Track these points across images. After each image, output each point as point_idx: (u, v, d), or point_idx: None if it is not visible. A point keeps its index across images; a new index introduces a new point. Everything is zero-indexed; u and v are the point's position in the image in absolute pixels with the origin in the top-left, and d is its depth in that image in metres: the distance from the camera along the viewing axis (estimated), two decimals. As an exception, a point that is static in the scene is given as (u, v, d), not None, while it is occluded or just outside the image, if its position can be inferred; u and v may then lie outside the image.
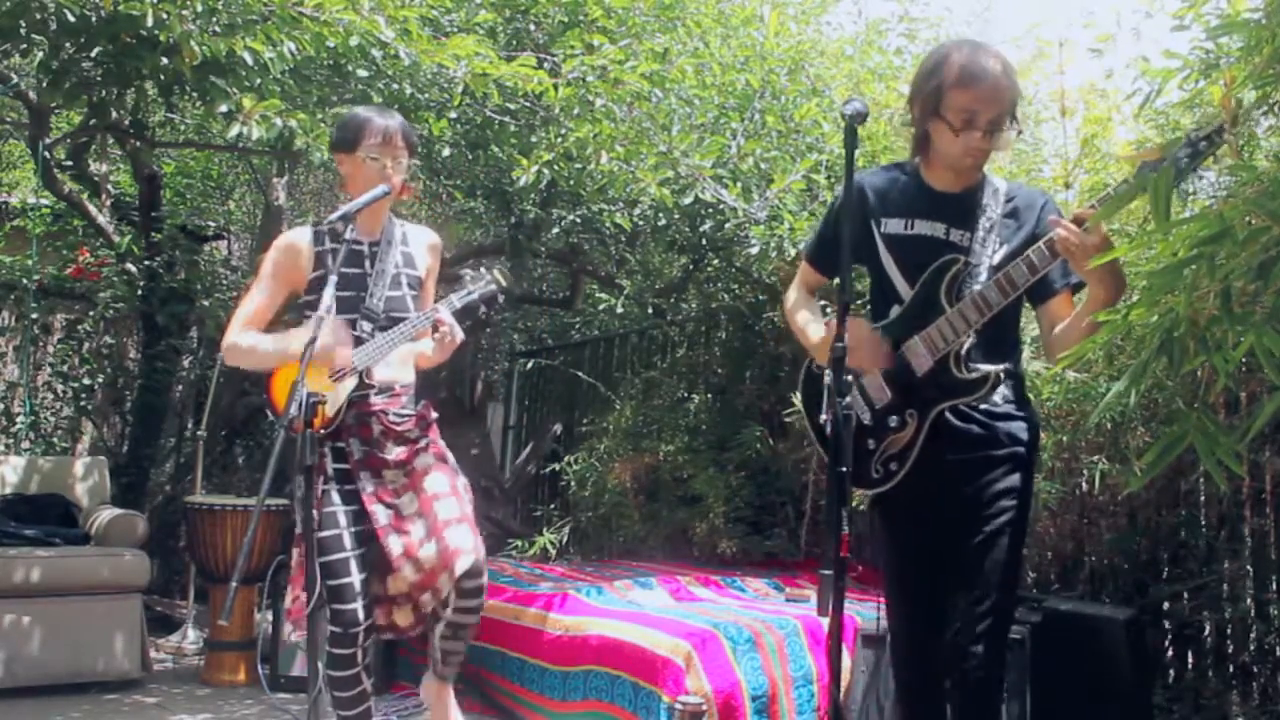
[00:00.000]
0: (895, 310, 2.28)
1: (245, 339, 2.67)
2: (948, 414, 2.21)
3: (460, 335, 2.62)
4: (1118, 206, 1.99)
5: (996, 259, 2.20)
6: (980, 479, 2.22)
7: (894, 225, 2.29)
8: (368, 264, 2.71)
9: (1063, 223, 2.02)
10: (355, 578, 2.60)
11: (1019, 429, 2.26)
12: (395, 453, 2.65)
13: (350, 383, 2.61)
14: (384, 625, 2.74)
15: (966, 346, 2.19)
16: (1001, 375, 2.17)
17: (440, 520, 2.60)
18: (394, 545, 2.58)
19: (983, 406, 2.23)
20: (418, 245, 2.82)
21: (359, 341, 2.64)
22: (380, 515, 2.60)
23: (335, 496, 2.62)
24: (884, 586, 2.44)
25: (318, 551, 2.56)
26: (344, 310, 2.65)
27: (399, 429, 2.66)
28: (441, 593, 2.57)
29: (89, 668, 4.03)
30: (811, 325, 2.40)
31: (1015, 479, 2.23)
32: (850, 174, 2.11)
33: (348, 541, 2.61)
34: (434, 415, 2.79)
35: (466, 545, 2.57)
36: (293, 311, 2.83)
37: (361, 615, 2.60)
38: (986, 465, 2.23)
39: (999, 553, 2.20)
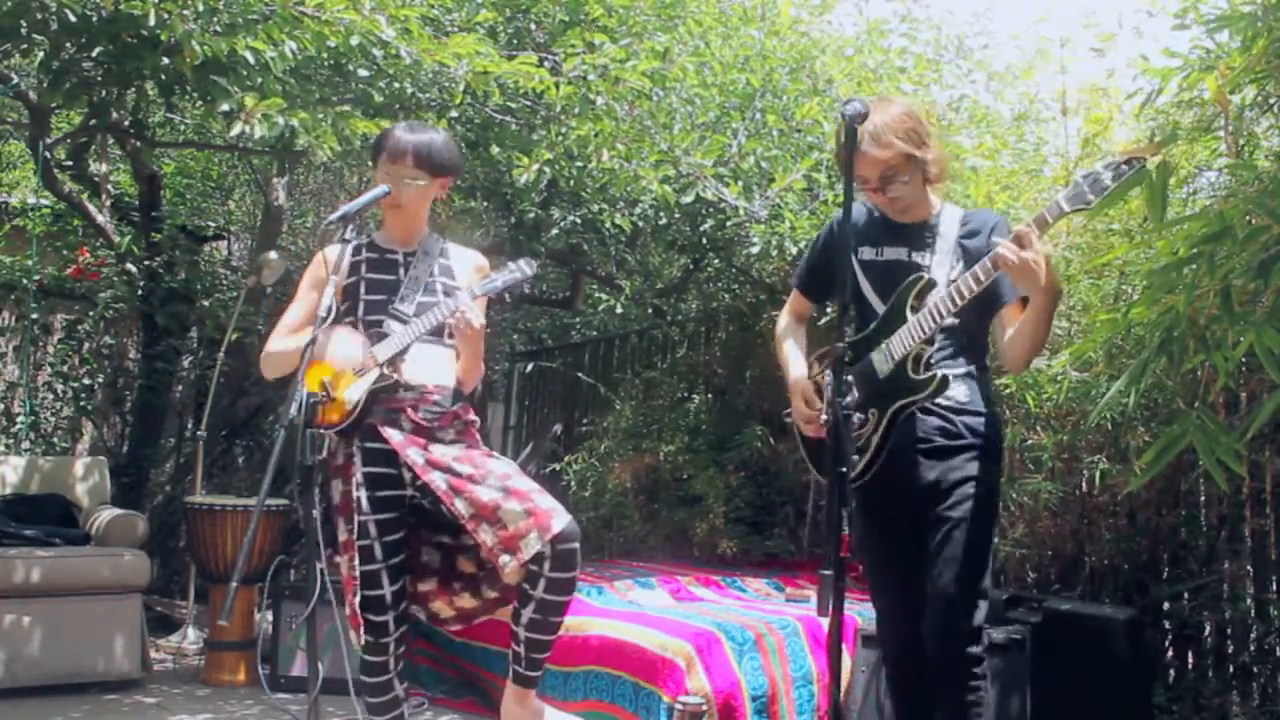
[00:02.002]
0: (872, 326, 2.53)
1: (273, 344, 2.67)
2: (910, 410, 2.43)
3: (477, 320, 2.55)
4: (1107, 205, 2.00)
5: (954, 275, 2.43)
6: (941, 466, 2.44)
7: (868, 253, 2.56)
8: (401, 271, 2.69)
9: (1004, 242, 2.24)
10: (387, 589, 2.57)
11: (977, 423, 2.47)
12: (432, 448, 2.59)
13: (373, 375, 2.58)
14: (449, 616, 2.69)
15: (929, 354, 2.41)
16: (949, 378, 2.39)
17: (519, 485, 2.52)
18: (461, 507, 2.48)
19: (944, 402, 2.44)
20: (461, 262, 2.77)
21: (384, 339, 2.61)
22: (439, 480, 2.51)
23: (365, 504, 2.57)
24: (867, 573, 2.64)
25: (356, 560, 2.55)
26: (372, 313, 2.63)
27: (427, 426, 2.60)
28: (522, 555, 2.43)
29: (89, 668, 4.03)
30: (793, 362, 2.65)
31: (975, 467, 2.44)
32: (850, 174, 2.29)
33: (379, 551, 2.56)
34: (473, 418, 2.71)
35: (558, 507, 2.50)
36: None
37: (392, 626, 2.58)
38: (946, 453, 2.44)
39: (966, 537, 2.39)
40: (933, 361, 2.42)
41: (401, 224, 2.73)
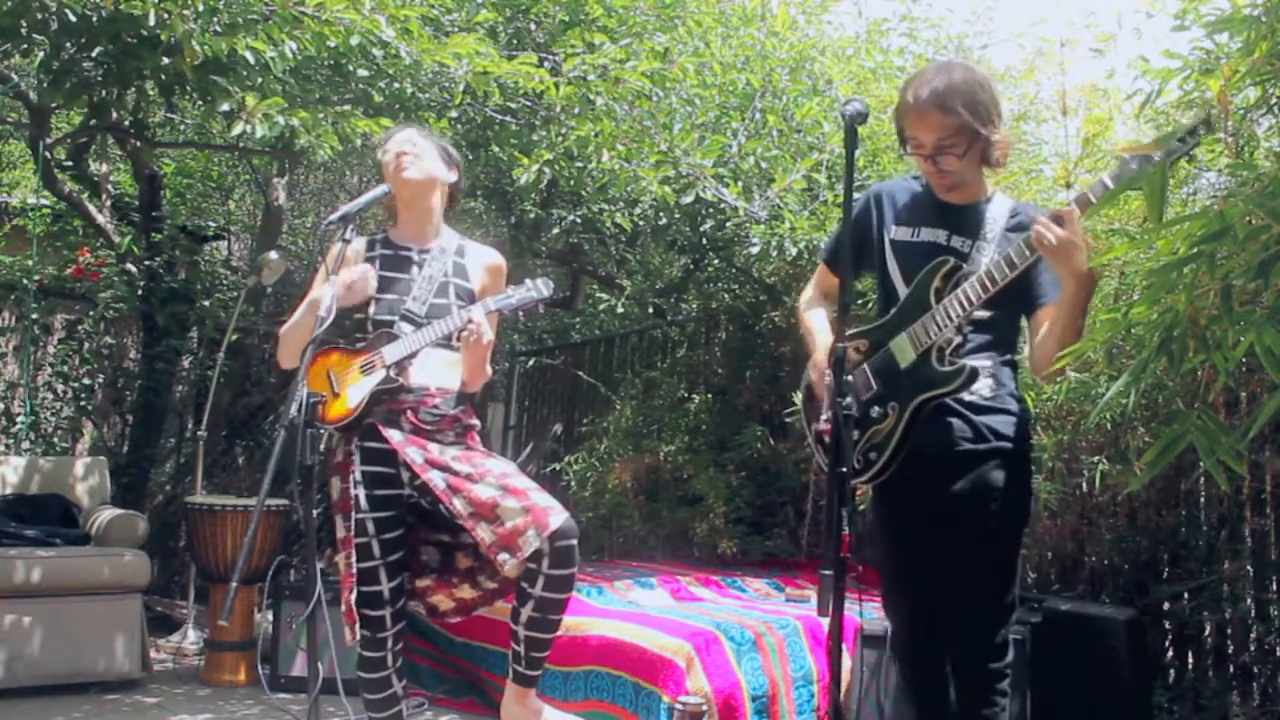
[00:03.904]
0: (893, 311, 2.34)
1: (285, 328, 2.67)
2: (930, 407, 2.24)
3: (489, 336, 2.56)
4: (1113, 198, 1.99)
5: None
6: (966, 476, 2.26)
7: (901, 232, 2.37)
8: (414, 270, 2.68)
9: (1040, 219, 2.05)
10: (385, 585, 2.58)
11: (1002, 423, 2.28)
12: (430, 448, 2.60)
13: (378, 376, 2.58)
14: (448, 608, 2.70)
15: (954, 343, 2.24)
16: (978, 370, 2.21)
17: (517, 484, 2.53)
18: (459, 505, 2.49)
19: (966, 399, 2.26)
20: (474, 261, 2.77)
21: (393, 341, 2.62)
22: (437, 479, 2.52)
23: (364, 502, 2.57)
24: (880, 583, 2.49)
25: (353, 557, 2.55)
26: (383, 313, 2.63)
27: (428, 428, 2.60)
28: (522, 552, 2.43)
29: (89, 668, 4.03)
30: (819, 331, 2.48)
31: (1001, 476, 2.26)
32: (850, 174, 2.16)
33: (376, 549, 2.57)
34: (474, 422, 2.72)
35: (556, 505, 2.51)
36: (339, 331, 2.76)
37: (389, 621, 2.59)
38: (970, 460, 2.26)
39: (994, 555, 2.27)
40: (960, 352, 2.24)
41: (415, 219, 2.73)
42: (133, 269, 5.58)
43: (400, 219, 2.76)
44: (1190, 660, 3.80)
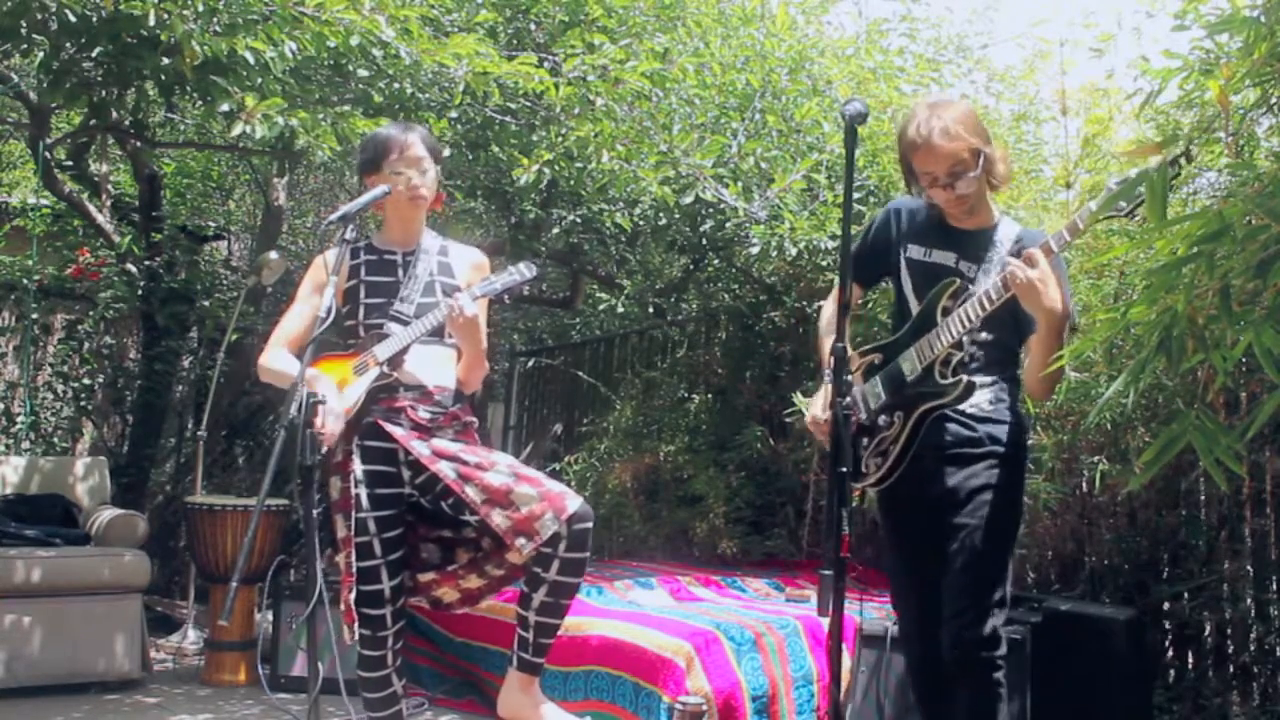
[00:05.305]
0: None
1: (272, 360, 2.67)
2: (933, 415, 2.42)
3: (470, 311, 2.56)
4: (1105, 211, 2.02)
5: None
6: (961, 473, 2.42)
7: (916, 251, 2.54)
8: (400, 272, 2.70)
9: (1012, 260, 2.26)
10: (386, 584, 2.59)
11: (1000, 431, 2.45)
12: (434, 442, 2.60)
13: (372, 374, 2.59)
14: (453, 600, 2.71)
15: (958, 359, 2.41)
16: (975, 384, 2.38)
17: (527, 472, 2.54)
18: (472, 493, 2.49)
19: (967, 409, 2.42)
20: (459, 260, 2.79)
21: (384, 340, 2.62)
22: (447, 469, 2.53)
23: (365, 501, 2.58)
24: (889, 578, 2.68)
25: (354, 556, 2.56)
26: (372, 316, 2.65)
27: (428, 426, 2.61)
28: (540, 537, 2.44)
29: (89, 668, 4.03)
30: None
31: (995, 475, 2.42)
32: (850, 174, 2.27)
33: (378, 547, 2.58)
34: (472, 419, 2.74)
35: (568, 490, 2.52)
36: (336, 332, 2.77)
37: (390, 620, 2.60)
38: (966, 460, 2.43)
39: (981, 545, 2.39)
40: (963, 365, 2.40)
41: (403, 223, 2.75)
42: (133, 269, 5.58)
43: (388, 222, 2.78)
44: (1190, 660, 3.80)
